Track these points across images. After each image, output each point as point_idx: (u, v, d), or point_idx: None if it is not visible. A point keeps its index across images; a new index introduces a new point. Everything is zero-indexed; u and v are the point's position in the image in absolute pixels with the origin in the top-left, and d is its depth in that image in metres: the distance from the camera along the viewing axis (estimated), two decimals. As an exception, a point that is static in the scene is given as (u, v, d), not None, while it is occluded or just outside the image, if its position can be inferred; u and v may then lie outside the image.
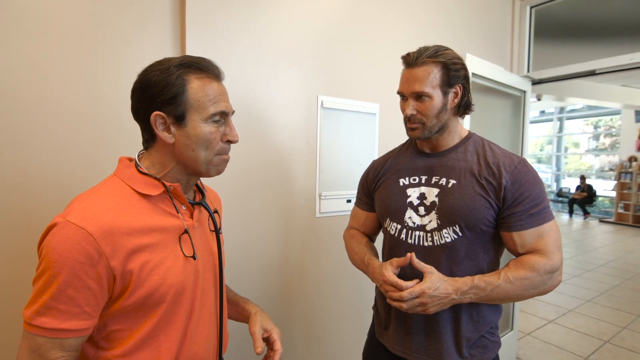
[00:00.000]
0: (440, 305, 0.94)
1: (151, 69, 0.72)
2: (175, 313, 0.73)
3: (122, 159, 0.77)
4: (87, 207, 0.65)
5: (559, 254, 0.96)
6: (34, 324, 0.62)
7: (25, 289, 1.06)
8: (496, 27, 2.53)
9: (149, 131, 0.74)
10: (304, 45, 1.58)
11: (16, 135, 1.04)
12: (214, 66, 0.75)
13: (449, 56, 1.00)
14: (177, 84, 0.70)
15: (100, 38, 1.14)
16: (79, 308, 0.64)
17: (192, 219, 0.80)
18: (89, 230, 0.62)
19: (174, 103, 0.70)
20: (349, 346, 1.87)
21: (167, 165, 0.76)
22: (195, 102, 0.72)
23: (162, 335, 0.72)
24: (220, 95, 0.75)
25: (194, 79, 0.72)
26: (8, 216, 1.04)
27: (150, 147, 0.77)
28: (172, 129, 0.72)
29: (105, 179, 0.75)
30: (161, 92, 0.70)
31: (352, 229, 1.31)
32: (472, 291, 0.94)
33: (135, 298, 0.68)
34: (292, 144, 1.59)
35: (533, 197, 0.96)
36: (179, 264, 0.73)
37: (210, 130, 0.74)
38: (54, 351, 0.64)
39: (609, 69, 2.23)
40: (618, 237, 7.74)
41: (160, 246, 0.71)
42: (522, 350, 2.89)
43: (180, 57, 0.74)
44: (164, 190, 0.74)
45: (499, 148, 1.06)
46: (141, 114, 0.73)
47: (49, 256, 0.62)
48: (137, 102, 0.73)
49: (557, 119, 11.91)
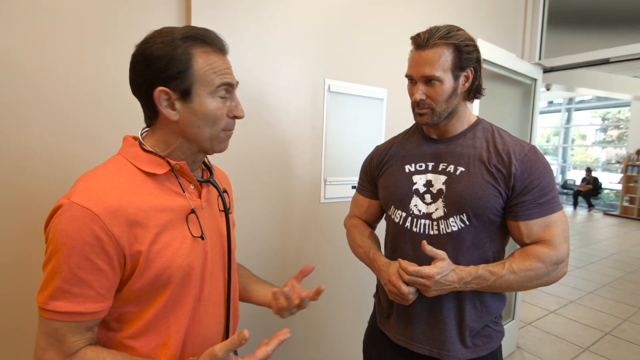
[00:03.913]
0: (441, 291, 0.93)
1: (153, 41, 0.67)
2: (184, 295, 0.72)
3: (126, 138, 0.75)
4: (92, 187, 0.63)
5: (566, 245, 0.95)
6: (49, 308, 0.61)
7: (27, 267, 1.06)
8: (508, 12, 2.47)
9: (151, 108, 0.70)
10: (311, 28, 1.54)
11: (18, 113, 1.02)
12: (219, 39, 0.72)
13: (462, 37, 0.95)
14: (183, 58, 0.67)
15: (104, 18, 1.12)
16: (93, 290, 0.62)
17: (201, 199, 0.78)
18: (95, 211, 0.61)
19: (179, 78, 0.67)
20: (350, 334, 1.88)
21: (172, 143, 0.73)
22: (201, 76, 0.68)
23: (171, 316, 0.71)
24: (226, 68, 0.72)
25: (200, 52, 0.68)
26: (9, 194, 1.04)
27: (154, 125, 0.74)
28: (177, 105, 0.69)
29: (109, 158, 0.73)
30: (166, 67, 0.66)
31: (353, 217, 1.28)
32: (475, 281, 0.93)
33: (144, 280, 0.67)
34: (298, 128, 1.57)
35: (542, 186, 0.93)
36: (186, 244, 0.72)
37: (217, 106, 0.71)
38: (71, 335, 0.63)
39: (623, 57, 2.17)
40: (622, 230, 7.70)
41: (168, 227, 0.69)
42: (522, 340, 2.90)
43: (184, 29, 0.69)
44: (170, 169, 0.72)
45: (508, 135, 1.03)
46: (143, 89, 0.69)
47: (57, 239, 0.60)
48: (137, 76, 0.69)
49: (565, 109, 11.74)
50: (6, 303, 1.05)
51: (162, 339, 0.71)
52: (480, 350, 1.02)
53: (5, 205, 1.03)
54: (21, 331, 1.06)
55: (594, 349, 2.81)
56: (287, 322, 1.65)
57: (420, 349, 1.04)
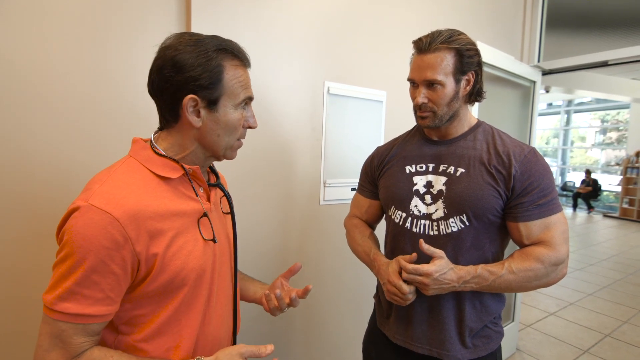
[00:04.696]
0: (440, 290, 0.93)
1: (183, 49, 0.68)
2: (196, 297, 0.74)
3: (136, 140, 0.75)
4: (110, 190, 0.64)
5: (566, 246, 0.95)
6: (57, 309, 0.61)
7: (30, 271, 1.06)
8: (507, 15, 2.48)
9: (174, 112, 0.71)
10: (311, 30, 1.55)
11: (18, 115, 1.03)
12: (244, 52, 0.75)
13: (463, 42, 0.96)
14: (216, 71, 0.69)
15: (105, 22, 1.12)
16: (103, 293, 0.62)
17: (210, 202, 0.79)
18: (115, 215, 0.61)
19: (210, 88, 0.69)
20: (350, 335, 1.88)
21: (187, 148, 0.74)
22: (229, 88, 0.71)
23: (183, 319, 0.72)
24: (248, 81, 0.76)
25: (230, 65, 0.71)
26: (9, 197, 1.04)
27: (171, 128, 0.74)
28: (202, 112, 0.71)
29: (120, 160, 0.73)
30: (200, 76, 0.68)
31: (354, 217, 1.29)
32: (474, 280, 0.94)
33: (158, 283, 0.67)
34: (297, 130, 1.57)
35: (542, 188, 0.94)
36: (199, 247, 0.73)
37: (238, 117, 0.74)
38: (77, 337, 0.62)
39: (621, 60, 2.18)
40: (622, 232, 7.70)
41: (182, 230, 0.70)
42: (522, 342, 2.90)
43: (214, 40, 0.71)
44: (184, 173, 0.73)
45: (508, 137, 1.04)
46: (169, 93, 0.69)
47: (73, 241, 0.60)
48: (164, 81, 0.69)
49: (564, 111, 11.76)
50: (7, 305, 1.05)
51: (175, 341, 0.72)
52: (480, 350, 1.02)
53: (5, 208, 1.03)
54: (22, 333, 1.06)
55: (593, 351, 2.81)
56: (288, 323, 1.65)
57: (419, 349, 1.04)
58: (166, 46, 0.70)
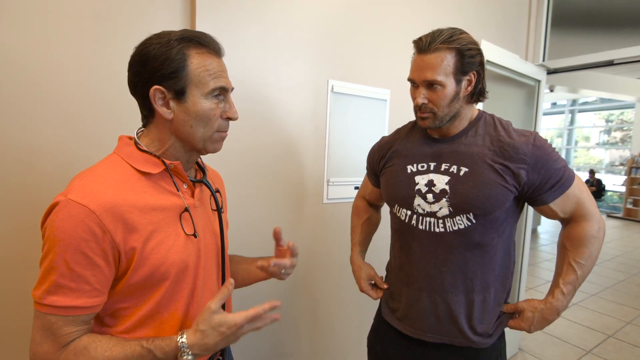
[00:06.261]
0: (547, 323, 1.03)
1: (150, 42, 0.70)
2: (178, 291, 0.74)
3: (121, 137, 0.77)
4: (88, 184, 0.65)
5: (596, 209, 1.00)
6: (45, 302, 0.63)
7: (28, 264, 1.07)
8: (512, 13, 2.46)
9: (148, 106, 0.73)
10: (315, 29, 1.55)
11: (21, 111, 1.03)
12: (214, 41, 0.74)
13: (464, 41, 0.95)
14: (177, 58, 0.69)
15: (108, 18, 1.12)
16: (89, 285, 0.64)
17: (194, 198, 0.79)
18: (91, 207, 0.62)
19: (174, 78, 0.69)
20: (355, 331, 1.88)
21: (165, 142, 0.75)
22: (196, 77, 0.71)
23: (164, 312, 0.73)
24: (220, 71, 0.74)
25: (195, 53, 0.71)
26: (11, 191, 1.04)
27: (149, 124, 0.76)
28: (172, 104, 0.71)
29: (105, 157, 0.75)
30: (161, 66, 0.68)
31: (359, 198, 1.38)
32: (568, 298, 1.00)
33: (139, 277, 0.69)
34: (301, 129, 1.57)
35: (556, 168, 0.96)
36: (180, 242, 0.73)
37: (210, 107, 0.73)
38: (67, 327, 0.64)
39: (627, 59, 2.16)
40: (626, 233, 7.67)
41: (162, 225, 0.71)
42: (524, 342, 2.89)
43: (180, 31, 0.72)
44: (165, 169, 0.74)
45: (510, 125, 1.02)
46: (139, 88, 0.72)
47: (53, 235, 0.62)
48: (135, 75, 0.71)
49: (568, 111, 11.70)
50: (6, 300, 1.06)
51: (155, 334, 0.73)
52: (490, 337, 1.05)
53: (6, 202, 1.04)
54: (22, 328, 1.06)
55: (596, 352, 2.80)
56: (293, 318, 1.65)
57: (430, 338, 1.05)
58: (138, 44, 0.72)
